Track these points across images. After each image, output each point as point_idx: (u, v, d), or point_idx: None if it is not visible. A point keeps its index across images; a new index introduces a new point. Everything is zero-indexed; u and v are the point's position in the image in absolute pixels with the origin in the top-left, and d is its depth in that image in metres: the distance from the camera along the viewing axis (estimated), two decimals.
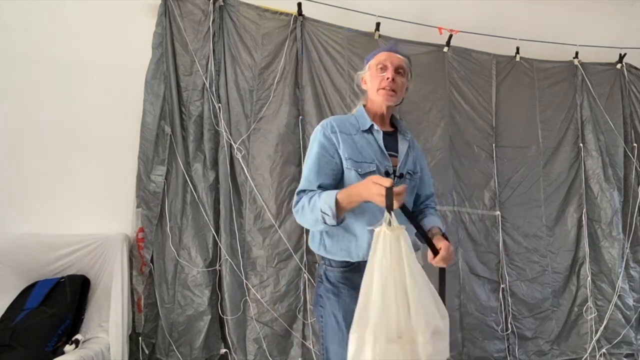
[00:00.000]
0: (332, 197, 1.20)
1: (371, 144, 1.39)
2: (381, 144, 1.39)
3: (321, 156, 1.35)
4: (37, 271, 2.17)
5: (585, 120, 3.09)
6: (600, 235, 3.00)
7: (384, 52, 1.45)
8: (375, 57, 1.46)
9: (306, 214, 1.29)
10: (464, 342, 2.64)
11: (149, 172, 2.36)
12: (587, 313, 2.90)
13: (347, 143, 1.35)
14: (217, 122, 2.45)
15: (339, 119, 1.43)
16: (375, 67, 1.45)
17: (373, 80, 1.45)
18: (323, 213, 1.22)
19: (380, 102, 1.43)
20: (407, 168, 1.43)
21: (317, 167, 1.33)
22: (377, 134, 1.41)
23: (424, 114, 2.78)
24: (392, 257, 1.06)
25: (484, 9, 3.07)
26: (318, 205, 1.24)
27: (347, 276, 1.35)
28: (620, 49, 3.17)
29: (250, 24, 2.54)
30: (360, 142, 1.38)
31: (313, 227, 1.35)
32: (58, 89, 2.36)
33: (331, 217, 1.21)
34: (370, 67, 1.48)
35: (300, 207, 1.31)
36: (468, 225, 2.78)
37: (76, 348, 1.97)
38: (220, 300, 2.40)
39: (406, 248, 1.08)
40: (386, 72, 1.41)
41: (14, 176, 2.29)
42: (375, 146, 1.39)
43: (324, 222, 1.23)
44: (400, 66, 1.44)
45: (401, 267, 1.06)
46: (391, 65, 1.42)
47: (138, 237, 2.35)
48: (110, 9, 2.44)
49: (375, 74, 1.44)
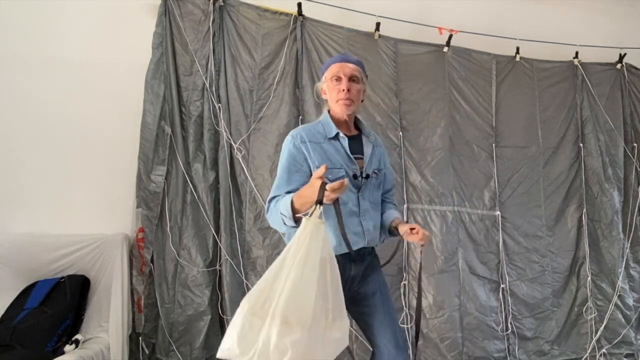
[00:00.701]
0: (288, 200, 1.31)
1: (338, 150, 1.49)
2: (347, 150, 1.50)
3: (291, 165, 1.44)
4: (37, 271, 2.17)
5: (585, 120, 3.09)
6: (600, 235, 3.00)
7: (336, 64, 1.53)
8: (329, 70, 1.55)
9: (272, 217, 1.41)
10: (464, 342, 2.64)
11: (149, 172, 2.36)
12: (587, 313, 2.90)
13: (316, 152, 1.46)
14: (217, 122, 2.45)
15: (307, 129, 1.53)
16: (330, 79, 1.53)
17: (330, 92, 1.54)
18: (282, 215, 1.33)
19: (340, 112, 1.53)
20: (373, 168, 1.54)
21: (286, 176, 1.44)
22: (342, 141, 1.51)
23: (424, 114, 2.78)
24: (302, 244, 1.12)
25: (484, 9, 3.07)
26: (279, 208, 1.35)
27: None
28: (620, 49, 3.17)
29: (250, 24, 2.54)
30: (329, 150, 1.48)
31: (280, 229, 1.45)
32: (58, 89, 2.36)
33: (288, 218, 1.31)
34: (326, 79, 1.56)
35: (269, 211, 1.43)
36: (468, 225, 2.78)
37: (76, 348, 1.97)
38: (220, 300, 2.40)
39: (323, 240, 1.14)
40: (341, 84, 1.50)
41: (14, 176, 2.29)
42: (342, 152, 1.49)
43: (284, 223, 1.35)
44: (353, 75, 1.52)
45: (308, 256, 1.11)
46: (344, 76, 1.51)
47: (138, 237, 2.35)
48: (110, 9, 2.44)
49: (331, 85, 1.53)
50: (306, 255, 1.11)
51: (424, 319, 2.60)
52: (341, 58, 1.57)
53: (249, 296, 1.11)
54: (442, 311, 2.60)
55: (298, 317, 1.06)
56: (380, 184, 1.60)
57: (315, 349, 1.08)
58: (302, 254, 1.11)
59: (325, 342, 1.11)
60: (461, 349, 2.62)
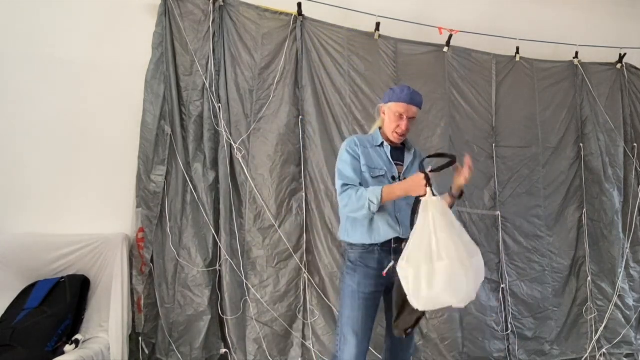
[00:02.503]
0: (379, 190, 1.60)
1: (381, 155, 1.79)
2: (389, 156, 1.79)
3: (353, 161, 1.74)
4: (37, 271, 2.17)
5: (585, 120, 3.09)
6: (600, 235, 3.00)
7: (404, 104, 1.74)
8: (396, 105, 1.75)
9: (352, 201, 1.64)
10: (464, 342, 2.64)
11: (149, 172, 2.36)
12: (587, 313, 2.90)
13: (364, 154, 1.76)
14: (217, 122, 2.45)
15: (360, 137, 1.84)
16: (394, 113, 1.76)
17: (390, 122, 1.78)
18: (370, 201, 1.59)
19: (393, 139, 1.82)
20: (412, 173, 1.73)
21: (352, 168, 1.72)
22: (386, 149, 1.81)
23: (424, 114, 2.78)
24: (443, 211, 1.45)
25: (484, 9, 3.07)
26: (366, 195, 1.60)
27: (363, 256, 1.71)
28: (620, 49, 3.17)
29: (250, 24, 2.54)
30: (374, 154, 1.78)
31: (354, 213, 1.68)
32: (58, 89, 2.36)
33: (376, 204, 1.59)
34: (389, 108, 1.78)
35: (347, 196, 1.66)
36: (468, 225, 2.77)
37: (76, 348, 1.97)
38: (220, 300, 2.40)
39: (446, 209, 1.49)
40: (402, 122, 1.75)
41: (14, 176, 2.29)
42: (384, 157, 1.79)
43: (369, 208, 1.60)
44: (414, 117, 1.77)
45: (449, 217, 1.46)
46: (407, 117, 1.75)
47: (138, 237, 2.35)
48: (111, 9, 2.44)
49: (393, 118, 1.77)
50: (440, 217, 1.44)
51: (424, 319, 2.60)
52: (410, 99, 1.74)
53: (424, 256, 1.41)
54: (442, 311, 2.60)
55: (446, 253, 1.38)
56: None
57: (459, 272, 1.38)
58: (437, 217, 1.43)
59: (466, 267, 1.39)
60: (461, 349, 2.62)
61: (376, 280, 1.69)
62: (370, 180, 1.71)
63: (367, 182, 1.71)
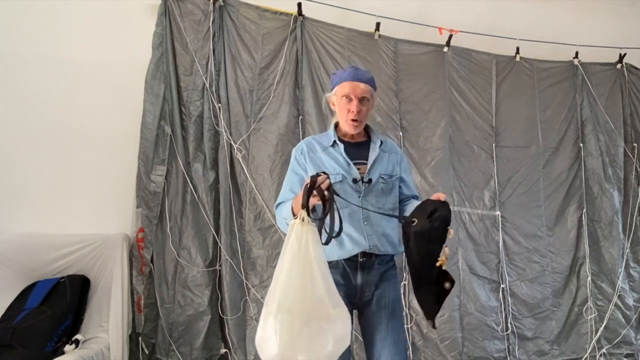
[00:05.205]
0: (289, 205, 1.43)
1: (336, 157, 1.54)
2: (344, 156, 1.52)
3: (293, 175, 1.56)
4: (37, 271, 2.17)
5: (585, 120, 3.09)
6: (600, 235, 3.00)
7: (348, 83, 1.52)
8: (340, 86, 1.53)
9: (280, 222, 1.54)
10: (464, 342, 2.64)
11: (149, 172, 2.36)
12: (587, 313, 2.90)
13: (313, 161, 1.53)
14: (217, 122, 2.45)
15: (309, 141, 1.61)
16: (340, 97, 1.53)
17: (340, 109, 1.55)
18: (285, 219, 1.44)
19: (349, 129, 1.56)
20: (380, 172, 1.54)
21: (289, 184, 1.55)
22: (340, 148, 1.54)
23: (424, 114, 2.78)
24: (300, 246, 1.21)
25: (484, 9, 3.07)
26: (282, 214, 1.48)
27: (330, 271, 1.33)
28: (620, 49, 3.17)
29: (250, 24, 2.54)
30: (325, 158, 1.54)
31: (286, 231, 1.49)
32: (58, 89, 2.36)
33: (289, 222, 1.33)
34: (336, 94, 1.56)
35: (276, 217, 1.57)
36: (468, 225, 2.78)
37: (76, 348, 1.97)
38: (220, 300, 2.40)
39: (313, 241, 1.21)
40: (351, 105, 1.51)
41: (14, 176, 2.29)
42: (340, 158, 1.53)
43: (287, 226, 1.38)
44: (364, 96, 1.52)
45: (307, 256, 1.20)
46: (355, 97, 1.51)
47: (138, 237, 2.35)
48: (110, 9, 2.44)
49: (342, 104, 1.53)
50: (293, 254, 1.20)
51: (424, 319, 2.59)
52: (353, 76, 1.53)
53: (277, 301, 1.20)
54: (442, 311, 2.57)
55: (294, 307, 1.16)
56: (391, 189, 1.56)
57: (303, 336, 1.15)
58: (289, 253, 1.21)
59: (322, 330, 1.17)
60: (461, 349, 2.62)
61: (346, 299, 1.34)
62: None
63: None
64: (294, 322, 1.15)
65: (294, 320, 1.15)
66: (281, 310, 1.16)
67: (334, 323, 1.18)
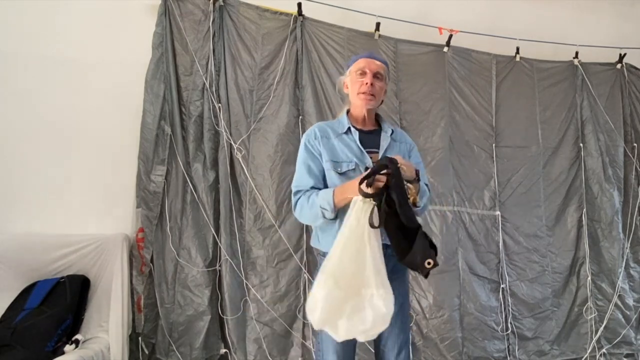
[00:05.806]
0: (330, 194, 1.39)
1: (349, 144, 1.53)
2: (358, 144, 1.52)
3: (309, 160, 1.52)
4: (37, 271, 2.17)
5: (585, 120, 3.09)
6: (600, 235, 3.00)
7: (363, 59, 1.57)
8: (355, 64, 1.58)
9: (305, 211, 1.47)
10: (464, 342, 2.64)
11: (149, 172, 2.36)
12: (587, 313, 2.89)
13: (327, 147, 1.51)
14: (217, 122, 2.45)
15: (321, 126, 1.59)
16: (355, 72, 1.57)
17: (353, 84, 1.57)
18: (322, 209, 1.40)
19: (361, 106, 1.56)
20: None
21: (306, 170, 1.51)
22: (354, 135, 1.54)
23: (424, 114, 2.78)
24: (359, 223, 1.27)
25: (484, 9, 3.07)
26: (317, 202, 1.42)
27: None
28: (620, 49, 3.17)
29: (250, 24, 2.54)
30: (339, 145, 1.53)
31: (312, 222, 1.52)
32: (58, 89, 2.36)
33: (329, 211, 1.39)
34: (350, 73, 1.60)
35: (299, 206, 1.49)
36: (468, 225, 2.78)
37: (76, 348, 1.97)
38: (220, 300, 2.40)
39: (370, 220, 1.26)
40: (365, 78, 1.54)
41: (14, 176, 2.29)
42: (354, 146, 1.52)
43: (323, 216, 1.42)
44: (378, 72, 1.56)
45: (362, 233, 1.26)
46: (370, 71, 1.54)
47: (138, 237, 2.35)
48: (110, 9, 2.44)
49: (355, 79, 1.56)
50: (351, 229, 1.27)
51: (424, 319, 2.60)
52: (369, 54, 1.60)
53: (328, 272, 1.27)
54: (442, 311, 2.60)
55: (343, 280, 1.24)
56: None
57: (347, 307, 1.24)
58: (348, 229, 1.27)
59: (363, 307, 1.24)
60: (461, 349, 2.62)
61: None
62: (337, 178, 1.46)
63: (332, 180, 1.47)
64: (340, 293, 1.23)
65: (341, 292, 1.24)
66: (329, 280, 1.25)
67: (376, 302, 1.24)
